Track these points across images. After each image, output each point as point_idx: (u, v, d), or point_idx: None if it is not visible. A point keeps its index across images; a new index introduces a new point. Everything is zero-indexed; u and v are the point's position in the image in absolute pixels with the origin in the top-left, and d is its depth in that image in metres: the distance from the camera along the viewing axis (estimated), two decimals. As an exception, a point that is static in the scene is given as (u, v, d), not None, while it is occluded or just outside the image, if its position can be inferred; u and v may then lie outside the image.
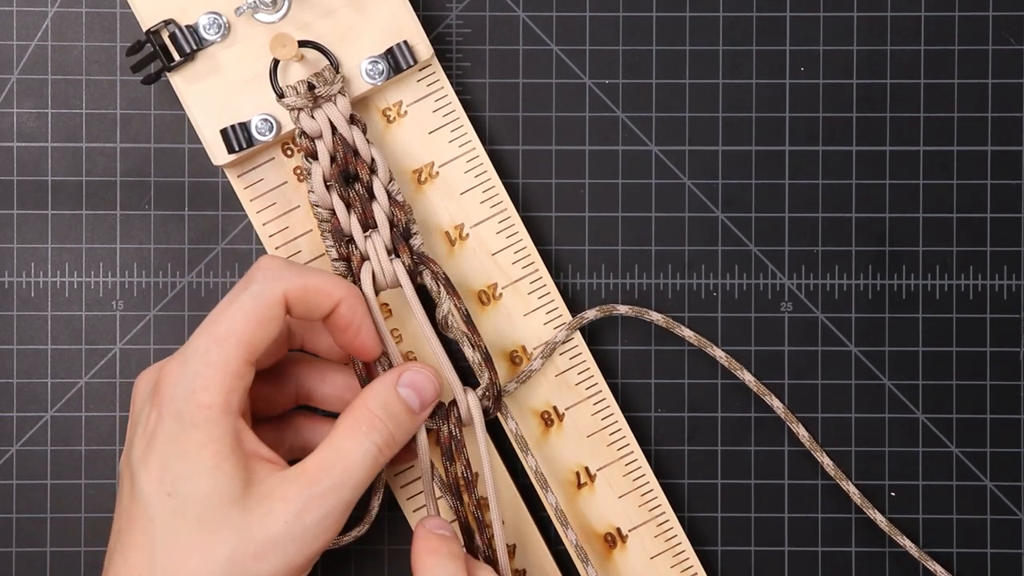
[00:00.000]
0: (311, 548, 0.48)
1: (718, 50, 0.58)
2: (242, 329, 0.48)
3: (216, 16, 0.54)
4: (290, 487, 0.48)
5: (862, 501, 0.56)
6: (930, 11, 0.58)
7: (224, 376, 0.48)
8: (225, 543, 0.47)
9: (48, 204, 0.57)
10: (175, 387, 0.48)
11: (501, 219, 0.56)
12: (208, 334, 0.48)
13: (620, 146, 0.58)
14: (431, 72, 0.56)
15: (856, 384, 0.57)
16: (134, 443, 0.49)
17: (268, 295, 0.49)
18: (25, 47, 0.57)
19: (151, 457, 0.48)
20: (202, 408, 0.47)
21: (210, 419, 0.47)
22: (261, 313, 0.49)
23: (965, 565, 0.57)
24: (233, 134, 0.54)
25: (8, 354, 0.57)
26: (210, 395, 0.48)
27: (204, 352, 0.48)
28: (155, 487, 0.47)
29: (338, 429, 0.50)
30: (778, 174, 0.58)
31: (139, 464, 0.48)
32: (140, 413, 0.49)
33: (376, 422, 0.50)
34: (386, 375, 0.51)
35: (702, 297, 0.57)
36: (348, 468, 0.49)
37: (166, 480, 0.47)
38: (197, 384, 0.48)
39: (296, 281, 0.50)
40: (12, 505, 0.57)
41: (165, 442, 0.47)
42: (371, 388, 0.51)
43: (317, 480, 0.48)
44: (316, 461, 0.49)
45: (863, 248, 0.57)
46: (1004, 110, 0.57)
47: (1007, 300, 0.57)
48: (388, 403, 0.51)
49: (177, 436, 0.47)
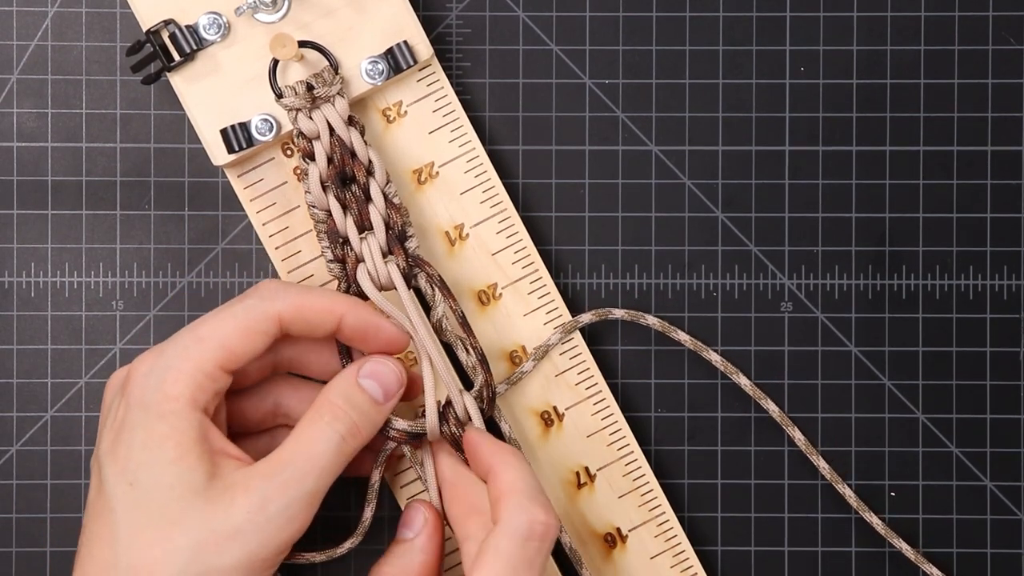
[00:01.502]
0: (275, 539, 0.48)
1: (718, 50, 0.58)
2: (225, 334, 0.49)
3: (216, 16, 0.54)
4: (252, 478, 0.48)
5: (858, 504, 0.56)
6: (930, 11, 0.58)
7: (195, 372, 0.48)
8: (187, 534, 0.47)
9: (48, 204, 0.57)
10: (146, 376, 0.48)
11: (501, 219, 0.56)
12: (190, 331, 0.49)
13: (620, 146, 0.58)
14: (431, 72, 0.56)
15: (856, 384, 0.57)
16: (103, 436, 0.49)
17: (261, 309, 0.50)
18: (25, 47, 0.57)
19: (118, 448, 0.48)
20: (169, 399, 0.48)
21: (175, 411, 0.48)
22: (249, 325, 0.49)
23: (965, 565, 0.57)
24: (233, 134, 0.54)
25: (8, 354, 0.57)
26: (179, 388, 0.48)
27: (182, 348, 0.49)
28: (119, 478, 0.47)
29: (301, 421, 0.50)
30: (778, 174, 0.58)
31: (106, 456, 0.48)
32: (110, 407, 0.50)
33: (338, 412, 0.50)
34: (347, 368, 0.52)
35: (702, 297, 0.57)
36: (311, 456, 0.49)
37: (129, 469, 0.47)
38: (168, 376, 0.48)
39: (292, 300, 0.50)
40: (12, 505, 0.57)
41: (130, 431, 0.48)
42: (333, 382, 0.51)
43: (280, 470, 0.48)
44: (279, 453, 0.49)
45: (863, 248, 0.57)
46: (1004, 110, 0.57)
47: (1007, 300, 0.57)
48: (349, 394, 0.51)
49: (142, 425, 0.48)
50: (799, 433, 0.56)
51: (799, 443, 0.56)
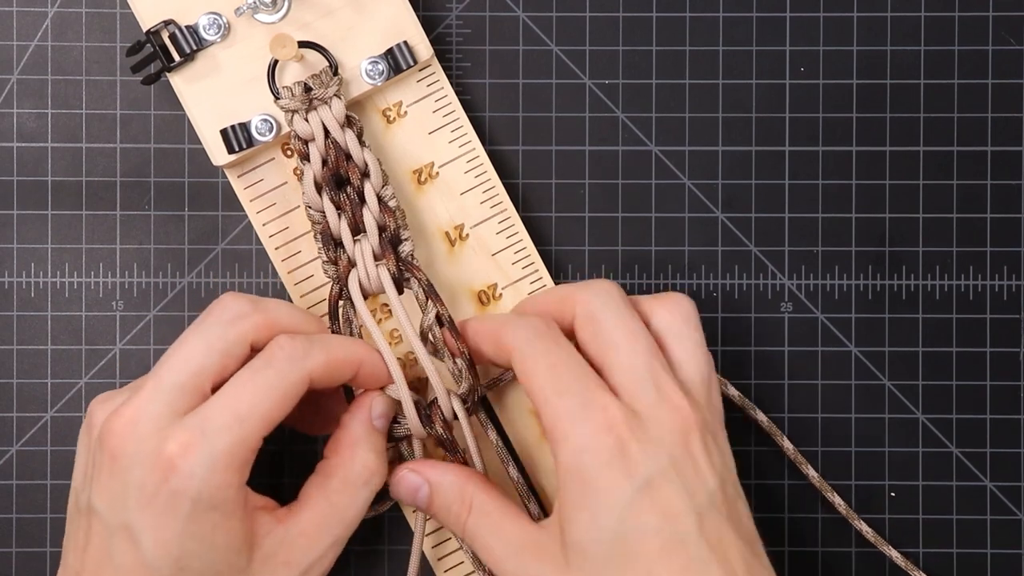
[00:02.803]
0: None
1: (718, 50, 0.58)
2: (267, 408, 0.48)
3: (216, 16, 0.54)
4: (291, 550, 0.49)
5: (847, 512, 0.56)
6: (930, 11, 0.58)
7: (245, 453, 0.48)
8: None
9: (48, 204, 0.57)
10: (195, 465, 0.47)
11: (501, 219, 0.56)
12: (230, 411, 0.47)
13: (620, 146, 0.58)
14: (431, 72, 0.56)
15: (856, 384, 0.57)
16: (127, 505, 0.47)
17: (295, 376, 0.49)
18: (25, 47, 0.57)
19: (165, 534, 0.47)
20: (222, 488, 0.47)
21: (228, 497, 0.47)
22: (287, 392, 0.48)
23: (965, 565, 0.57)
24: (233, 134, 0.54)
25: (8, 354, 0.57)
26: (231, 474, 0.47)
27: (226, 430, 0.47)
28: (167, 560, 0.47)
29: (332, 483, 0.50)
30: (778, 174, 0.58)
31: (145, 532, 0.47)
32: (119, 463, 0.48)
33: (371, 476, 0.51)
34: (360, 416, 0.51)
35: (702, 297, 0.57)
36: (348, 524, 0.50)
37: (180, 557, 0.47)
38: (219, 463, 0.47)
39: (320, 358, 0.49)
40: (12, 505, 0.57)
41: (182, 522, 0.47)
42: (356, 438, 0.51)
43: (318, 539, 0.49)
44: (314, 517, 0.49)
45: (863, 248, 0.57)
46: (1004, 110, 0.57)
47: (1007, 300, 0.57)
48: (376, 446, 0.51)
49: (194, 516, 0.47)
50: (788, 443, 0.56)
51: (787, 452, 0.56)
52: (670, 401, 0.48)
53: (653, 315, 0.50)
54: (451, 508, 0.51)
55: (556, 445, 0.48)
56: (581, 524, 0.46)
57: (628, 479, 0.46)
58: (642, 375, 0.48)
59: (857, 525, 0.56)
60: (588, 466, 0.46)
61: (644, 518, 0.46)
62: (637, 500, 0.46)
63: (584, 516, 0.46)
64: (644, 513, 0.46)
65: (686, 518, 0.46)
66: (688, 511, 0.46)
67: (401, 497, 0.52)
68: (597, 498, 0.46)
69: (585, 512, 0.46)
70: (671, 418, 0.47)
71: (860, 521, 0.56)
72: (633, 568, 0.46)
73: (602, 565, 0.46)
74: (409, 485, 0.52)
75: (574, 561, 0.47)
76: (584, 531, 0.46)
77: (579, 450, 0.47)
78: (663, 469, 0.46)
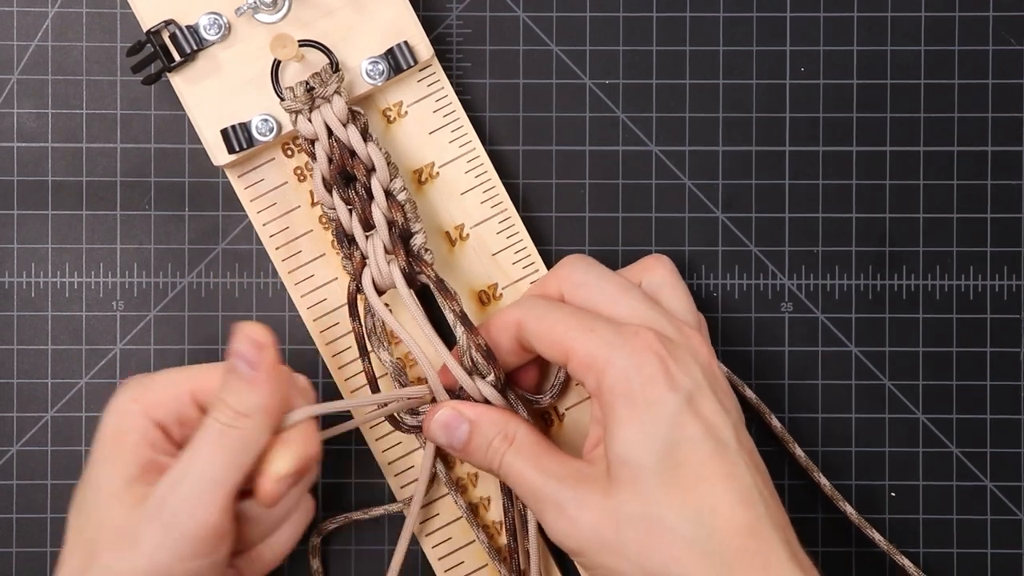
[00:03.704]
0: None
1: (718, 50, 0.58)
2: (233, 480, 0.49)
3: (216, 16, 0.54)
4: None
5: (832, 493, 0.56)
6: (930, 11, 0.58)
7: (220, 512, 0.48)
8: None
9: (48, 204, 0.57)
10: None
11: (501, 219, 0.56)
12: (212, 461, 0.48)
13: (620, 146, 0.58)
14: (431, 72, 0.56)
15: (856, 384, 0.57)
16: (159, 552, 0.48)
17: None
18: (25, 47, 0.57)
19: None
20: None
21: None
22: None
23: (965, 565, 0.57)
24: (233, 134, 0.54)
25: (8, 354, 0.57)
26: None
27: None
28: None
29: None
30: (778, 174, 0.58)
31: None
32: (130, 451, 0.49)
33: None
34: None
35: (702, 297, 0.57)
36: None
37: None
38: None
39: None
40: (12, 505, 0.57)
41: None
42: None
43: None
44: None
45: (863, 248, 0.57)
46: (1004, 110, 0.57)
47: (1007, 300, 0.57)
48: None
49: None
50: (775, 420, 0.56)
51: (799, 459, 0.56)
52: (683, 330, 0.50)
53: (642, 278, 0.53)
54: (492, 442, 0.51)
55: (600, 375, 0.49)
56: (630, 439, 0.48)
57: (673, 392, 0.48)
58: (649, 314, 0.50)
59: (870, 534, 0.56)
60: (635, 384, 0.48)
61: (690, 429, 0.48)
62: (683, 411, 0.48)
63: (633, 430, 0.48)
64: (689, 424, 0.48)
65: (724, 429, 0.49)
66: (725, 423, 0.49)
67: (435, 435, 0.52)
68: (648, 410, 0.48)
69: (635, 425, 0.48)
70: (693, 342, 0.50)
71: (872, 530, 0.56)
72: (684, 474, 0.48)
73: (650, 475, 0.48)
74: (449, 422, 0.52)
75: (621, 479, 0.48)
76: (633, 444, 0.48)
77: (624, 370, 0.48)
78: (700, 385, 0.49)
